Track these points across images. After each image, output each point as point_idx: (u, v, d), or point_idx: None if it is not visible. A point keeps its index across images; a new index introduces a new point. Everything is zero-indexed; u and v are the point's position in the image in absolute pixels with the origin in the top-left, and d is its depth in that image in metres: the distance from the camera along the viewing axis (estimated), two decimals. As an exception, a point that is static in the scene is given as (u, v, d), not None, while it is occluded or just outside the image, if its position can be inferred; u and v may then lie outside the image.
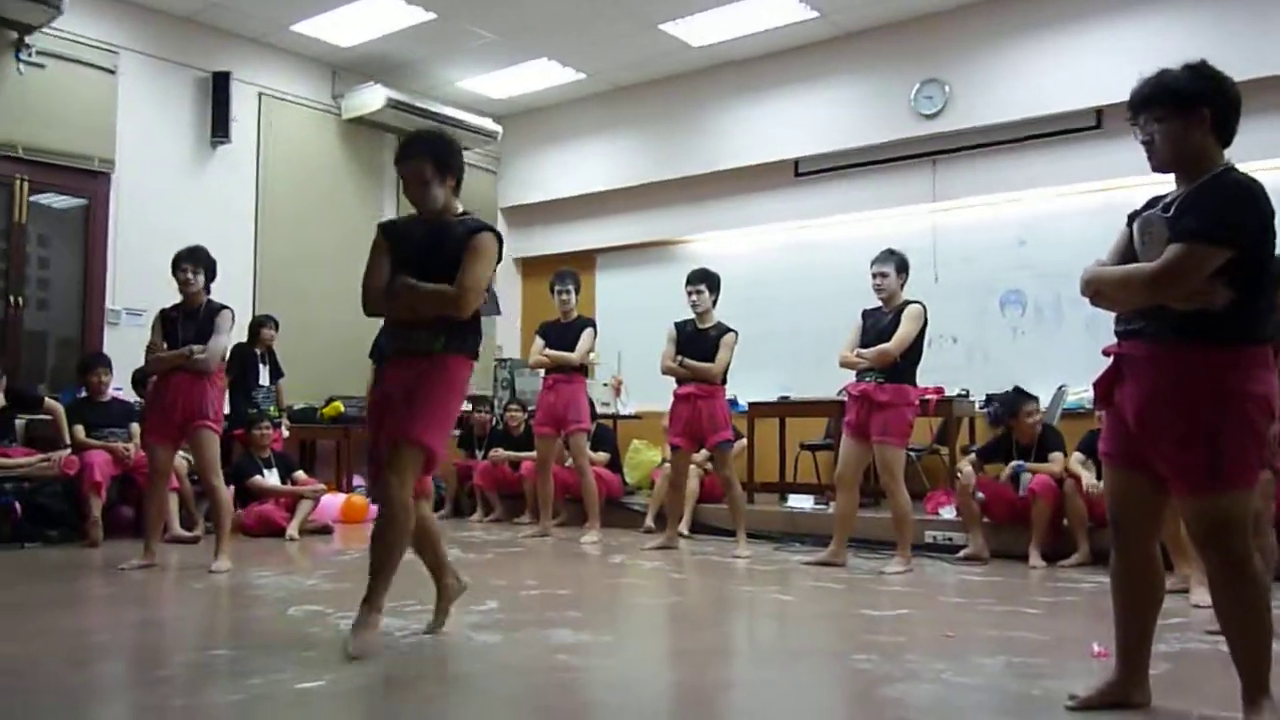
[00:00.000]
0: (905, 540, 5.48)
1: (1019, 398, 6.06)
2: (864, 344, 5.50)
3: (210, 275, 5.34)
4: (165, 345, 5.28)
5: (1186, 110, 2.51)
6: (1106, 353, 2.67)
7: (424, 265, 3.38)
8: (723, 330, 6.20)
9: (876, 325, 5.50)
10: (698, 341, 6.21)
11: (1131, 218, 2.66)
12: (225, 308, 5.33)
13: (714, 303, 6.24)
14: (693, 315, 6.26)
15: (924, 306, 5.47)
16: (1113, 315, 2.67)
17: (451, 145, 3.52)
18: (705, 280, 6.22)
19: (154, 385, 5.40)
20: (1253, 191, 2.45)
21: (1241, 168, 2.53)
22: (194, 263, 5.30)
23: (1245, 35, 6.50)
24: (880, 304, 5.57)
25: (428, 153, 3.43)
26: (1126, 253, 2.63)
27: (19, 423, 6.59)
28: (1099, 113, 7.15)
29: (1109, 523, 2.71)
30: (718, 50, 8.50)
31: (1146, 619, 2.69)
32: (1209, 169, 2.52)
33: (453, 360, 3.42)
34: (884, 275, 5.51)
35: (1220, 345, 2.44)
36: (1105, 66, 6.89)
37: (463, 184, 3.55)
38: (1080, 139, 7.31)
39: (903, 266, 5.55)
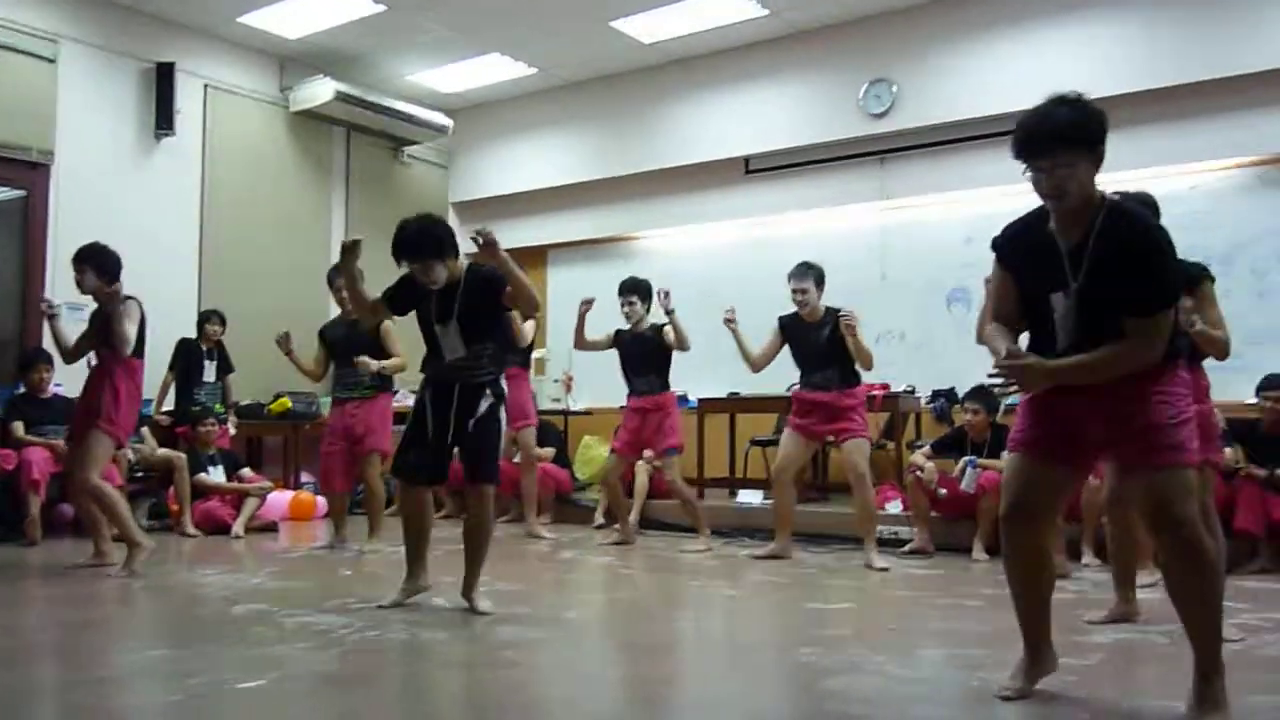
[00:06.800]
0: (873, 531, 5.59)
1: (968, 396, 6.12)
2: (803, 356, 5.65)
3: (104, 272, 5.10)
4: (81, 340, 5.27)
5: (1095, 151, 2.58)
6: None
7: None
8: (657, 328, 6.17)
9: (815, 338, 5.57)
10: (638, 345, 6.23)
11: (997, 246, 2.90)
12: (129, 299, 5.11)
13: (648, 310, 6.24)
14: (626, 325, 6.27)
15: None
16: None
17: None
18: (637, 290, 6.21)
19: None
20: (1164, 232, 2.56)
21: (1199, 167, 2.61)
22: (79, 261, 5.14)
23: (1193, 38, 6.52)
24: (797, 313, 5.64)
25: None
26: (1012, 291, 2.82)
27: (-46, 420, 6.43)
28: (1043, 113, 7.23)
29: (1009, 507, 2.76)
30: (669, 47, 8.51)
31: (1044, 596, 2.82)
32: (1093, 200, 2.60)
33: None
34: (804, 291, 5.57)
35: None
36: (1049, 67, 6.96)
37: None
38: (1025, 139, 7.38)
39: (820, 280, 5.63)
